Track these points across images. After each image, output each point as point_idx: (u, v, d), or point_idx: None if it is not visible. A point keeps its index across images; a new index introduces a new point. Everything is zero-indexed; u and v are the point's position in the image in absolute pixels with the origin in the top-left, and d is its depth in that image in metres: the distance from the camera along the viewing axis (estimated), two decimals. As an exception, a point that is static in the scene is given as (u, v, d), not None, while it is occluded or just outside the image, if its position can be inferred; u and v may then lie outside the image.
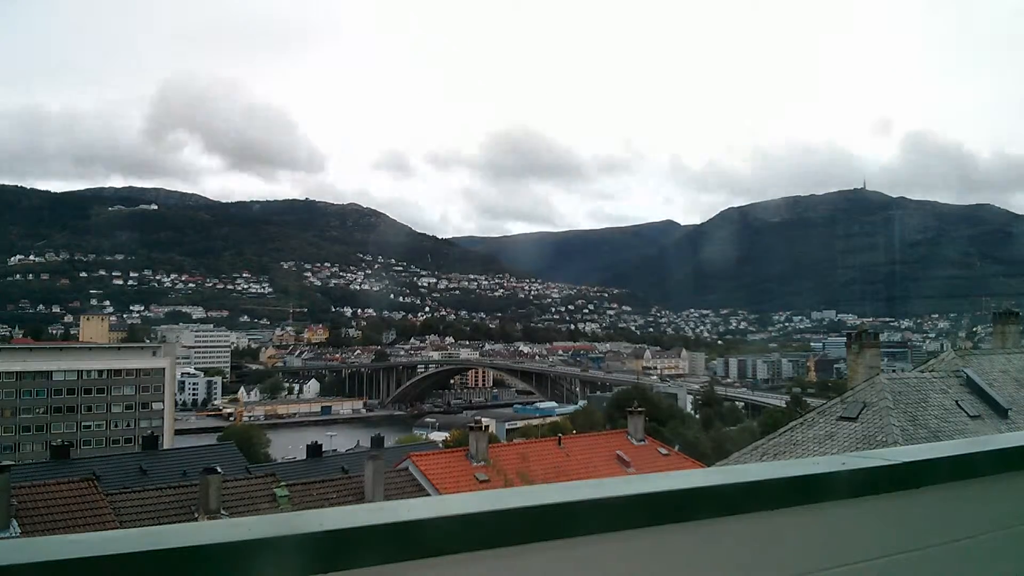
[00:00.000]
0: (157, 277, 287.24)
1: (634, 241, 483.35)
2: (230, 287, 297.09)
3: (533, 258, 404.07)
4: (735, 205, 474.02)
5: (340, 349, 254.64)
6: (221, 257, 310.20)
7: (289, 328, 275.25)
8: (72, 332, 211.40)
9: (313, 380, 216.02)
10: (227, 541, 1.18)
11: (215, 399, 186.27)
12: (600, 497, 1.53)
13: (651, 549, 1.55)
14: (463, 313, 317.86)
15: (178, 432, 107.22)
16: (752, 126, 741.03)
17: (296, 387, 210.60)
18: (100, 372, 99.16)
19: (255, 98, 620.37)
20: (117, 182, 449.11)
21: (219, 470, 30.80)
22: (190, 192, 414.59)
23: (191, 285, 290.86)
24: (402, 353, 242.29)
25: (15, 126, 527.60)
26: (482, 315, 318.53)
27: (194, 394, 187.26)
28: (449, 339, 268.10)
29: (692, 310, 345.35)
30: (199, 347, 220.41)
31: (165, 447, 64.45)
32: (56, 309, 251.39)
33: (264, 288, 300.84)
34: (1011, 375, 22.65)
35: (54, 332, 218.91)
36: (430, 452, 40.84)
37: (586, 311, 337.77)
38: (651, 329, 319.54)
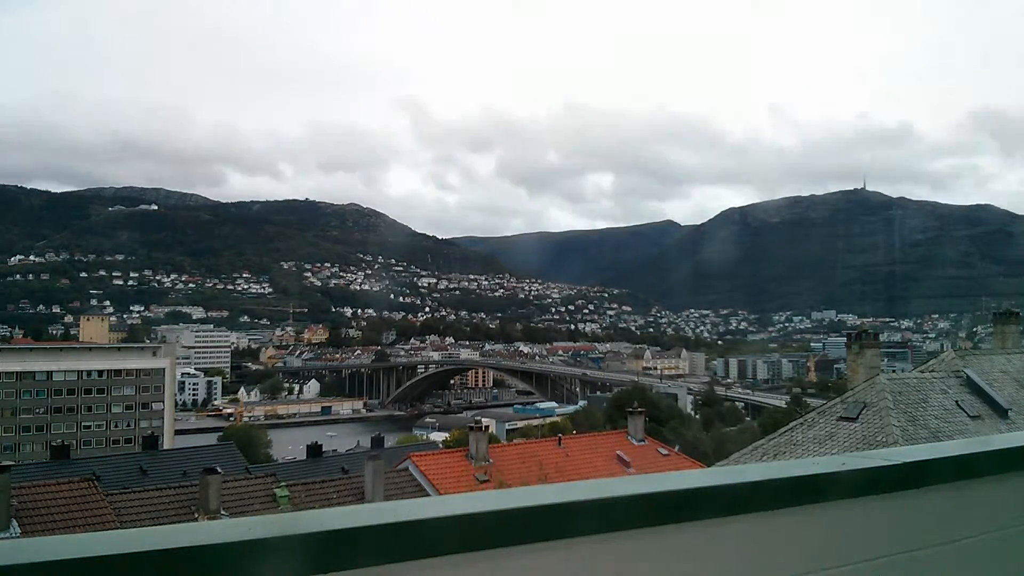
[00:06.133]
0: (157, 277, 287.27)
1: (634, 241, 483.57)
2: (230, 287, 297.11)
3: (533, 258, 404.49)
4: (735, 205, 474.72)
5: (340, 349, 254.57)
6: (221, 257, 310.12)
7: (289, 328, 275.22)
8: (72, 332, 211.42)
9: (313, 380, 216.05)
10: (227, 541, 1.18)
11: (215, 399, 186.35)
12: (600, 497, 1.53)
13: (651, 549, 1.55)
14: (463, 313, 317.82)
15: (178, 432, 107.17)
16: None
17: (296, 387, 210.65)
18: (100, 372, 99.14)
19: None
20: (117, 182, 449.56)
21: (219, 470, 30.81)
22: (190, 192, 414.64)
23: (191, 285, 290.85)
24: (402, 353, 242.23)
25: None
26: (482, 315, 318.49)
27: (194, 394, 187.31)
28: (449, 339, 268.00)
29: (692, 310, 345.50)
30: (199, 347, 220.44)
31: (165, 447, 64.46)
32: (56, 309, 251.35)
33: (264, 288, 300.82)
34: (1011, 375, 22.64)
35: (54, 332, 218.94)
36: (430, 452, 40.87)
37: (586, 311, 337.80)
38: (651, 329, 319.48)
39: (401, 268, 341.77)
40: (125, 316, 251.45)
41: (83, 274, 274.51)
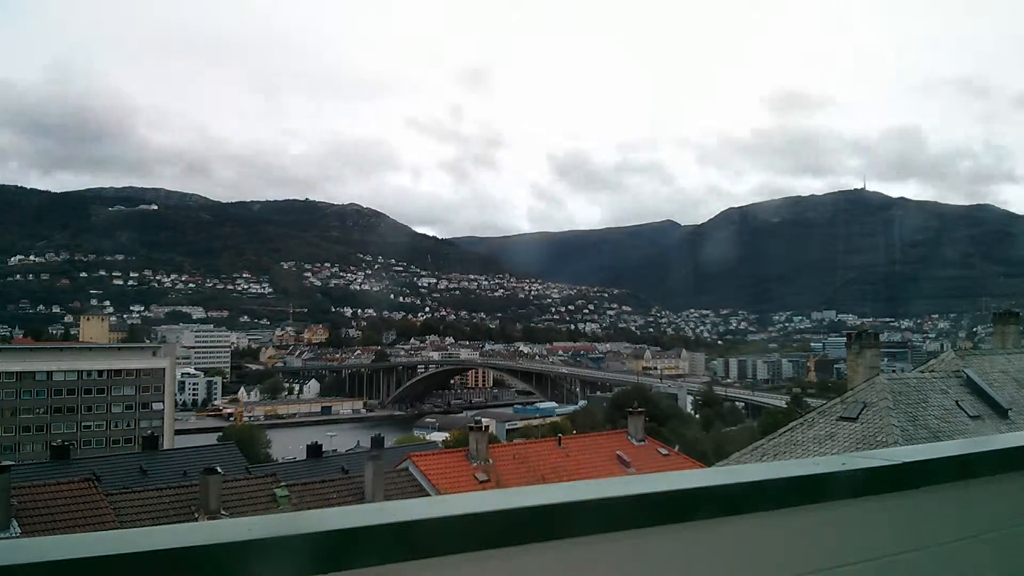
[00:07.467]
0: (157, 277, 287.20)
1: (634, 241, 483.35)
2: (230, 287, 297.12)
3: (533, 258, 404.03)
4: (735, 205, 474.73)
5: (340, 349, 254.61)
6: (221, 257, 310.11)
7: (289, 328, 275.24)
8: (72, 332, 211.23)
9: (313, 380, 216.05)
10: (227, 541, 1.18)
11: (215, 399, 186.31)
12: (600, 497, 1.53)
13: (651, 549, 1.55)
14: (463, 313, 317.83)
15: (178, 432, 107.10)
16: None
17: (296, 387, 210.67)
18: (100, 372, 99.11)
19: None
20: (117, 182, 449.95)
21: (219, 470, 30.85)
22: (190, 192, 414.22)
23: (191, 285, 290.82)
24: (402, 353, 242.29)
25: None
26: (482, 315, 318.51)
27: (194, 394, 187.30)
28: (449, 339, 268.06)
29: (692, 310, 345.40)
30: (199, 347, 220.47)
31: (165, 447, 64.43)
32: (56, 309, 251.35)
33: (264, 288, 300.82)
34: (1011, 375, 22.64)
35: (54, 332, 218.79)
36: (430, 452, 40.90)
37: (586, 311, 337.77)
38: (651, 329, 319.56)
39: (401, 268, 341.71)
40: (125, 316, 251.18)
41: (83, 274, 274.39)
